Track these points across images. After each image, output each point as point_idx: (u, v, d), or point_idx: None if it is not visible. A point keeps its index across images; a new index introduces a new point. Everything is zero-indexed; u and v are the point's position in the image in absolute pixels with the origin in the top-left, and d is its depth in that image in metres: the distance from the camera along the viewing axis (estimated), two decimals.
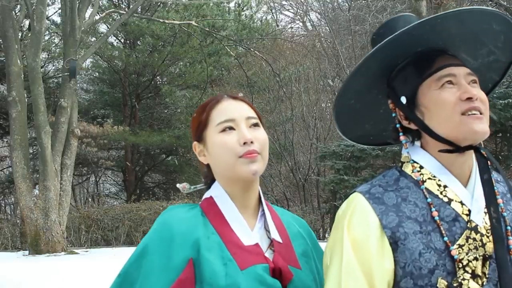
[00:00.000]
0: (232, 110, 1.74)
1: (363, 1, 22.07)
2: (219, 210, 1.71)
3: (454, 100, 1.59)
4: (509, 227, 1.60)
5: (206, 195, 1.78)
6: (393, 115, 1.74)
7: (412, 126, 1.69)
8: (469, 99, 1.58)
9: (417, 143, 1.71)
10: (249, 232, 1.70)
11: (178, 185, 1.92)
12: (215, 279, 1.56)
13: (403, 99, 1.68)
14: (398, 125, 1.73)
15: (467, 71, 1.65)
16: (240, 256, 1.62)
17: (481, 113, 1.59)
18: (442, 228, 1.55)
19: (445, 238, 1.54)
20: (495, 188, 1.62)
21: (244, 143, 1.68)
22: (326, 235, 18.19)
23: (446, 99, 1.60)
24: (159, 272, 1.58)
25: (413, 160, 1.68)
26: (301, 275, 1.69)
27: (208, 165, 1.80)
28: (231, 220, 1.70)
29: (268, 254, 1.68)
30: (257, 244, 1.68)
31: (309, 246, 1.81)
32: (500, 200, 1.62)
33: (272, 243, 1.71)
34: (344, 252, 1.56)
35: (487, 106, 1.63)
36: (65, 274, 9.74)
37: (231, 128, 1.71)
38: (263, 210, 1.78)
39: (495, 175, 1.70)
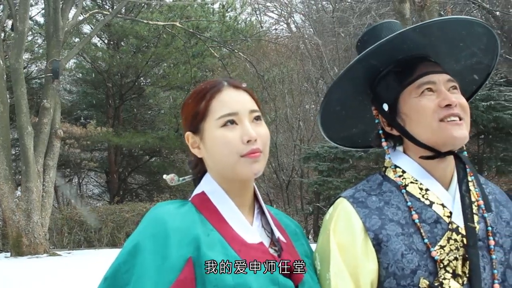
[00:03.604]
0: (235, 102, 1.58)
1: (347, 3, 22.19)
2: (215, 207, 1.57)
3: (433, 107, 1.63)
4: (489, 228, 1.63)
5: (197, 190, 1.64)
6: (376, 121, 1.78)
7: (394, 132, 1.73)
8: (448, 105, 1.62)
9: (400, 148, 1.75)
10: (251, 229, 1.57)
11: (165, 176, 1.75)
12: (221, 279, 1.42)
13: (385, 106, 1.73)
14: (380, 131, 1.77)
15: (447, 77, 1.68)
16: (247, 254, 1.49)
17: (460, 119, 1.63)
18: (422, 231, 1.59)
19: (426, 240, 1.58)
20: (476, 190, 1.65)
21: (248, 141, 1.54)
22: (310, 237, 18.24)
23: (425, 107, 1.64)
24: (155, 273, 1.41)
25: (395, 165, 1.73)
26: (307, 276, 1.58)
27: (200, 158, 1.65)
28: (229, 217, 1.56)
29: (272, 253, 1.56)
30: (261, 242, 1.56)
31: (307, 247, 1.72)
32: (480, 202, 1.66)
33: (272, 242, 1.60)
34: (332, 255, 1.61)
35: (467, 111, 1.66)
36: (47, 276, 9.67)
37: (233, 122, 1.56)
38: (259, 207, 1.66)
39: (481, 180, 1.73)
